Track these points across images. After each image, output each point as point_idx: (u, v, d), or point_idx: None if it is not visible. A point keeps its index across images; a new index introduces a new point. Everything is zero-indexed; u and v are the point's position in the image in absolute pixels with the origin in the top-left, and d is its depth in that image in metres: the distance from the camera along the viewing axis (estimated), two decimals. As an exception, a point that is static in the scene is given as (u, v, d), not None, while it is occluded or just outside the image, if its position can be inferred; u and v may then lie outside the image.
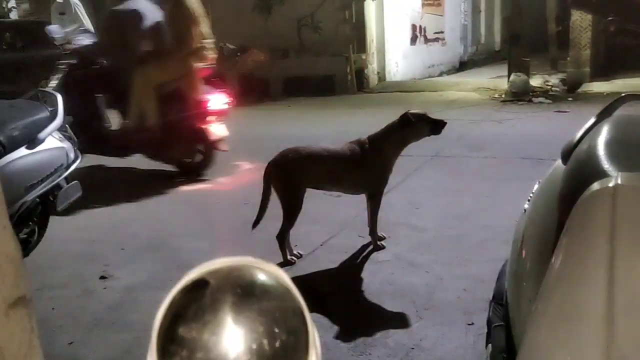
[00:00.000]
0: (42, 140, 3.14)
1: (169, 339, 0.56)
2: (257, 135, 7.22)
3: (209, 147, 5.04)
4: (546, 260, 1.17)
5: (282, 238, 3.24)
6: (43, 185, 3.14)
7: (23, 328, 1.13)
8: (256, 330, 0.55)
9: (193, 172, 5.17)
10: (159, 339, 0.57)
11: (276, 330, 0.56)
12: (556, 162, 1.77)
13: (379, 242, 3.43)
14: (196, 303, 0.57)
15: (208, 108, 4.92)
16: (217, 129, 4.97)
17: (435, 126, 3.30)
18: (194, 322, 0.56)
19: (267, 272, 0.61)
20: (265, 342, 0.55)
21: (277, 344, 0.56)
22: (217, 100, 4.98)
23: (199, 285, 0.59)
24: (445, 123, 3.32)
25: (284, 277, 0.62)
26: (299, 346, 0.58)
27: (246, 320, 0.56)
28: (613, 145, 1.36)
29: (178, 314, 0.57)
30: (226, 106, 5.07)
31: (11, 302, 1.09)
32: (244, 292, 0.58)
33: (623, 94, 1.84)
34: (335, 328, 2.56)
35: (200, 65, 4.94)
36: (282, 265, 3.18)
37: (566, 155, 1.60)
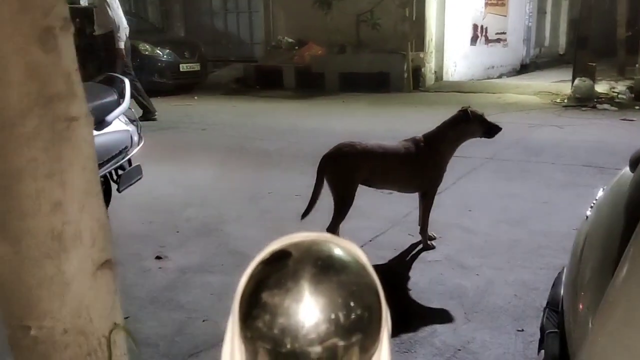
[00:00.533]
0: (110, 123, 3.28)
1: (252, 303, 0.59)
2: (310, 128, 7.27)
3: None
4: (608, 270, 1.14)
5: (332, 232, 3.25)
6: (108, 165, 3.28)
7: (108, 289, 1.20)
8: (334, 301, 0.58)
9: None
10: (242, 303, 0.60)
11: (352, 304, 0.58)
12: (623, 170, 1.72)
13: (429, 242, 3.41)
14: (278, 272, 0.60)
15: None
16: None
17: (490, 129, 3.25)
18: (276, 288, 0.58)
19: (346, 249, 0.63)
20: (342, 314, 0.58)
21: (353, 317, 0.58)
22: None
23: (281, 256, 0.62)
24: (500, 129, 3.28)
25: (361, 254, 0.64)
26: (372, 321, 0.60)
27: (325, 291, 0.58)
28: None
29: (261, 281, 0.60)
30: None
31: (99, 264, 1.16)
32: (323, 264, 0.60)
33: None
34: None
35: None
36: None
37: (635, 164, 1.55)
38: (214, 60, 13.14)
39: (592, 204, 1.75)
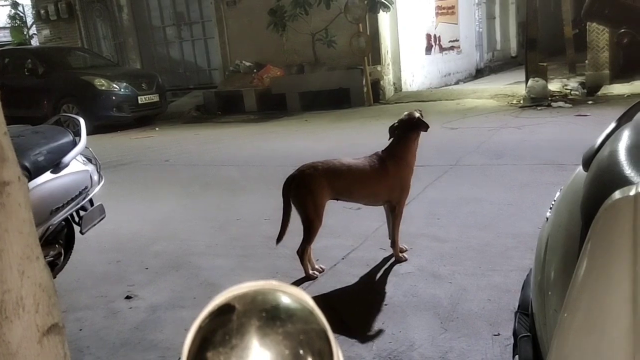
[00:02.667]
0: (67, 164, 3.20)
1: None
2: (274, 150, 7.26)
3: None
4: (570, 270, 1.16)
5: (303, 253, 3.24)
6: (68, 208, 3.19)
7: (56, 355, 1.15)
8: (282, 353, 0.56)
9: None
10: None
11: (301, 352, 0.57)
12: (578, 169, 1.75)
13: (400, 254, 3.42)
14: (223, 328, 0.58)
15: None
16: None
17: (424, 123, 3.33)
18: (221, 346, 0.57)
19: (291, 295, 0.62)
20: None
21: None
22: None
23: (225, 310, 0.60)
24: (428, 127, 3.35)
25: (308, 299, 0.63)
26: None
27: (272, 343, 0.57)
28: (635, 151, 1.34)
29: (206, 339, 0.58)
30: None
31: (45, 330, 1.11)
32: (269, 316, 0.59)
33: (643, 97, 1.82)
34: (359, 341, 2.55)
35: None
36: (304, 280, 3.18)
37: (587, 162, 1.58)
38: (172, 90, 13.09)
39: (552, 205, 1.78)
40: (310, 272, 3.26)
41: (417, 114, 3.35)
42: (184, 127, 10.63)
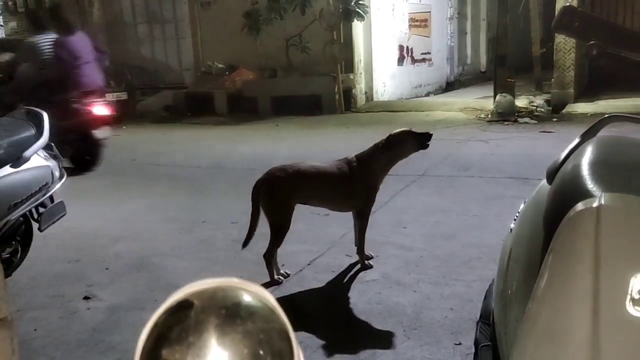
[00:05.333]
0: (27, 159, 3.11)
1: None
2: (244, 153, 7.21)
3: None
4: (532, 280, 1.17)
5: (270, 257, 3.22)
6: (27, 204, 3.10)
7: (3, 350, 1.11)
8: (240, 352, 0.55)
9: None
10: None
11: (261, 352, 0.55)
12: (541, 182, 1.78)
13: (366, 262, 3.42)
14: (180, 324, 0.56)
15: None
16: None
17: (422, 140, 3.28)
18: (177, 344, 0.55)
19: (252, 293, 0.60)
20: None
21: None
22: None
23: (183, 307, 0.58)
24: (431, 135, 3.28)
25: (269, 298, 0.62)
26: None
27: (231, 342, 0.55)
28: (597, 166, 1.37)
29: (162, 336, 0.56)
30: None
31: (-8, 324, 1.07)
32: (228, 313, 0.57)
33: (607, 115, 1.87)
34: (322, 348, 2.54)
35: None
36: (268, 285, 3.15)
37: (551, 176, 1.61)
38: (142, 88, 12.86)
39: (516, 217, 1.81)
40: (276, 277, 3.24)
41: (408, 130, 3.31)
42: (152, 127, 10.46)
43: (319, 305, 3.06)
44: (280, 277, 3.27)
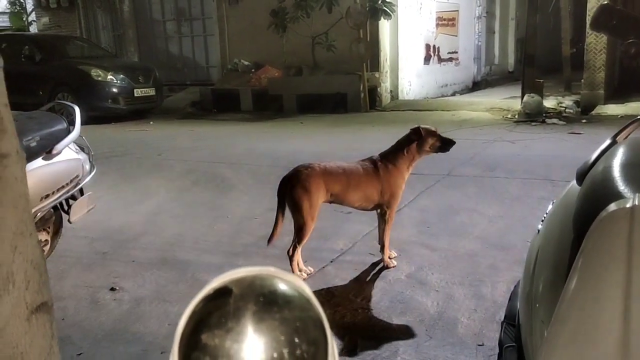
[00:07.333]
0: (59, 152, 3.17)
1: (192, 345, 0.57)
2: (268, 150, 7.25)
3: None
4: (560, 282, 1.16)
5: (294, 254, 3.23)
6: (58, 196, 3.17)
7: (44, 334, 1.14)
8: (277, 339, 0.56)
9: None
10: (182, 345, 0.58)
11: (297, 340, 0.57)
12: (571, 183, 1.76)
13: (389, 260, 3.41)
14: (219, 310, 0.58)
15: None
16: None
17: (444, 144, 3.32)
18: (217, 329, 0.56)
19: (289, 282, 0.62)
20: (285, 351, 0.56)
21: (298, 353, 0.56)
22: None
23: (222, 293, 0.60)
24: (454, 142, 3.34)
25: (305, 288, 0.63)
26: (318, 356, 0.58)
27: (268, 329, 0.56)
28: (628, 168, 1.35)
29: (201, 321, 0.58)
30: None
31: (34, 308, 1.10)
32: (266, 301, 0.59)
33: (638, 117, 1.84)
34: (344, 345, 2.54)
35: None
36: (292, 281, 3.16)
37: (581, 177, 1.59)
38: (169, 85, 13.03)
39: (543, 218, 1.79)
40: (299, 273, 3.25)
41: (433, 129, 3.34)
42: (178, 123, 10.59)
43: (341, 303, 3.07)
44: (304, 273, 3.28)
